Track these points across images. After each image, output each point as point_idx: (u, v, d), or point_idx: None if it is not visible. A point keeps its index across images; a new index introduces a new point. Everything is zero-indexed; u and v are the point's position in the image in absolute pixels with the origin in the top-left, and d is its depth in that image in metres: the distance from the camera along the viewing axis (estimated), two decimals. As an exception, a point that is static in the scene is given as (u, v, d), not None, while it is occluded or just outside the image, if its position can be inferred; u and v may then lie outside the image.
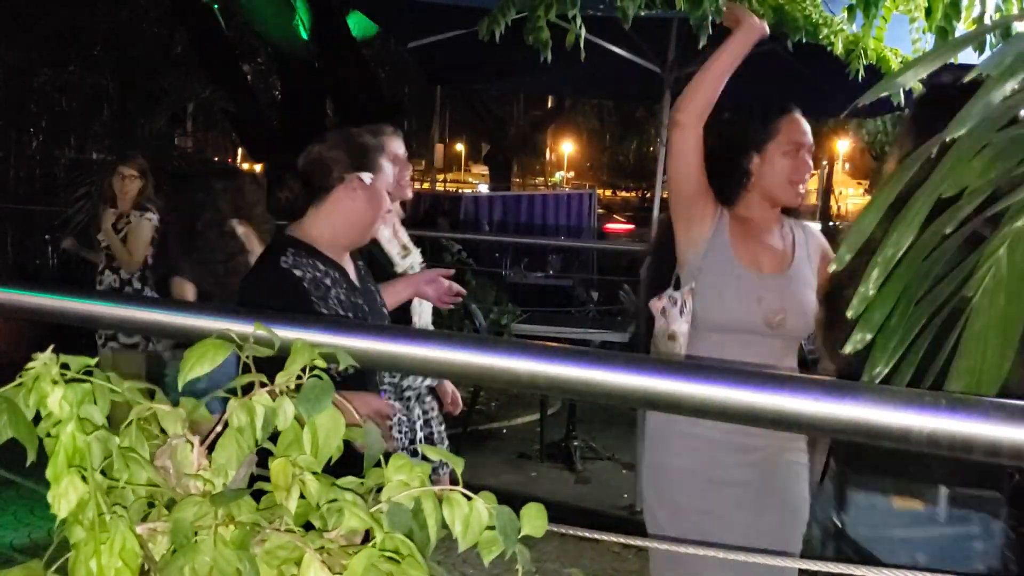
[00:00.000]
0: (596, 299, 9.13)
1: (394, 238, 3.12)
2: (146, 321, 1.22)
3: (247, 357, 1.12)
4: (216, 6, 8.80)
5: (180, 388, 1.10)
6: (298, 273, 2.29)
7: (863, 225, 1.00)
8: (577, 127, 29.55)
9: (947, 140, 0.89)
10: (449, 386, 3.25)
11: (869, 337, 1.02)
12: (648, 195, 16.72)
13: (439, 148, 29.71)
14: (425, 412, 3.20)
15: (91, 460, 0.89)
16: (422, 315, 3.12)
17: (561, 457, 5.75)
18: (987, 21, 3.30)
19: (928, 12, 4.65)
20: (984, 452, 0.86)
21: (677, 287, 2.44)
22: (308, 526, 1.02)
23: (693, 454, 2.37)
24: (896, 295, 1.00)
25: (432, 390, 3.22)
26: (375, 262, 2.96)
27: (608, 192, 32.20)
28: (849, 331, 1.02)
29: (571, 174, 38.82)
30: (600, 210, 26.12)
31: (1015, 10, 3.33)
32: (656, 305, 2.43)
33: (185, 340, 1.18)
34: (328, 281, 2.33)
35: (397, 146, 3.08)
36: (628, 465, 5.47)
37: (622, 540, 2.25)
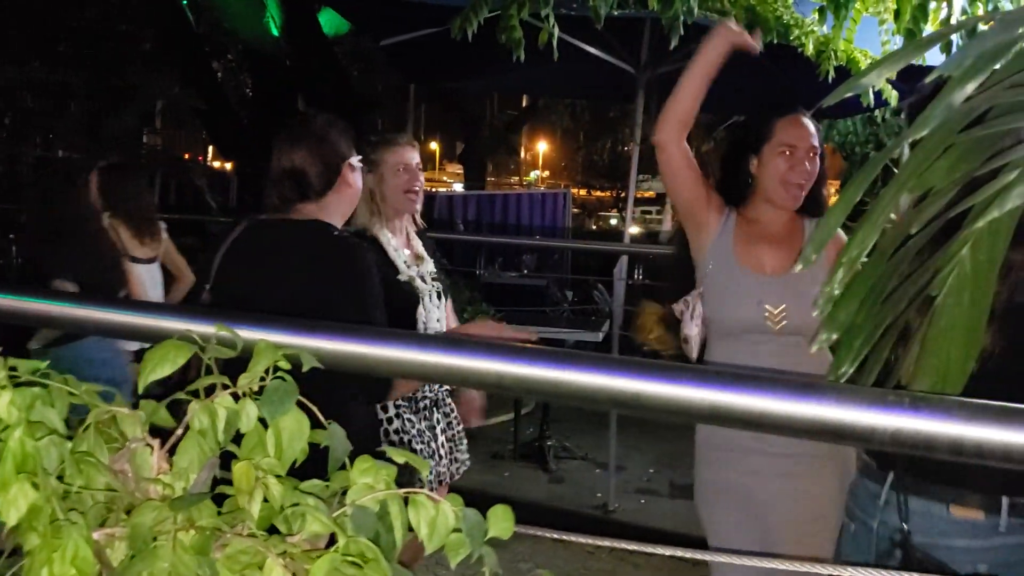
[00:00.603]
0: (570, 299, 9.14)
1: (404, 248, 3.07)
2: (105, 322, 1.20)
3: (209, 359, 1.11)
4: (185, 2, 8.71)
5: (141, 391, 1.09)
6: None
7: (829, 224, 1.00)
8: (552, 126, 29.57)
9: (910, 141, 0.89)
10: (472, 394, 3.23)
11: (835, 337, 1.02)
12: (623, 194, 16.76)
13: (413, 147, 29.57)
14: (446, 415, 3.17)
15: (43, 465, 0.87)
16: (429, 320, 3.06)
17: (535, 457, 5.75)
18: (953, 23, 3.34)
19: (897, 14, 4.69)
20: (947, 450, 0.86)
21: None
22: (273, 530, 1.01)
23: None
24: (861, 295, 1.00)
25: (452, 393, 3.19)
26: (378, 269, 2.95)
27: (583, 191, 32.25)
28: None
29: (546, 173, 38.86)
30: (575, 209, 26.20)
31: (980, 12, 3.37)
32: (677, 308, 2.48)
33: (146, 341, 1.16)
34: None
35: (410, 155, 3.06)
36: (602, 464, 5.48)
37: (591, 541, 2.24)
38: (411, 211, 3.07)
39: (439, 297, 3.10)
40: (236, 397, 1.08)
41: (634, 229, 26.27)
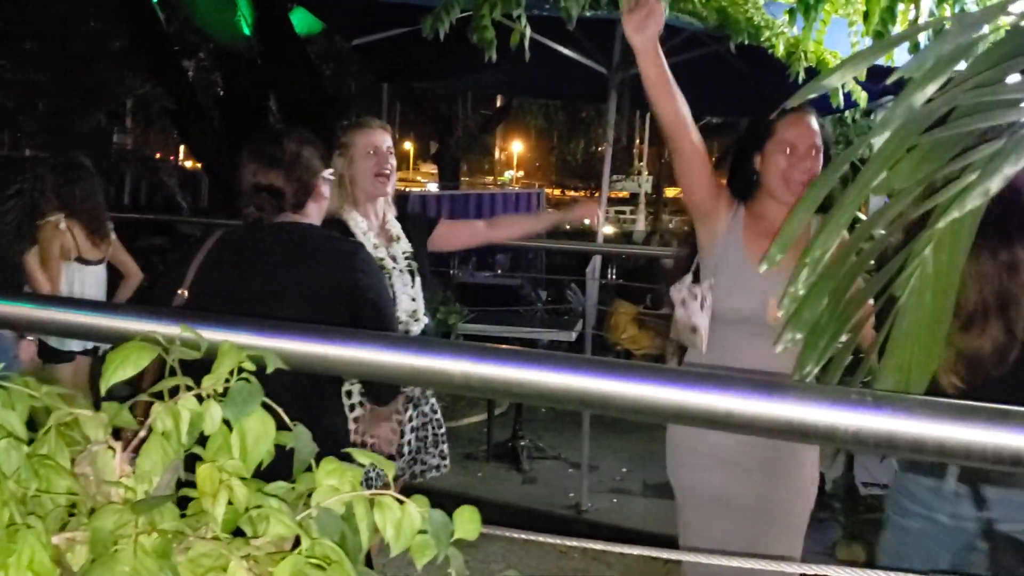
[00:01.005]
0: (544, 298, 9.14)
1: (372, 231, 3.05)
2: (68, 323, 1.18)
3: (173, 360, 1.10)
4: (155, 1, 8.63)
5: (103, 392, 1.08)
6: None
7: (793, 224, 1.01)
8: (526, 126, 29.59)
9: (871, 142, 0.89)
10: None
11: (799, 336, 1.02)
12: (596, 194, 16.79)
13: (387, 147, 29.48)
14: (424, 415, 3.16)
15: (0, 469, 0.85)
16: (400, 299, 3.02)
17: (508, 457, 5.75)
18: (920, 24, 3.38)
19: (866, 16, 4.74)
20: (908, 448, 0.87)
21: (696, 279, 2.55)
22: (239, 533, 1.00)
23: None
24: (825, 294, 1.00)
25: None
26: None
27: (557, 191, 32.30)
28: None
29: (520, 173, 38.88)
30: (549, 209, 26.21)
31: (948, 14, 3.41)
32: (676, 295, 2.52)
33: (108, 342, 1.15)
34: None
35: (381, 138, 3.05)
36: (575, 464, 5.48)
37: (561, 541, 2.24)
38: (381, 194, 3.05)
39: (411, 276, 3.09)
40: (200, 399, 1.07)
41: (608, 229, 26.37)
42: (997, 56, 1.11)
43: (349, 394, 2.96)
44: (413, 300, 3.07)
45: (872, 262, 1.19)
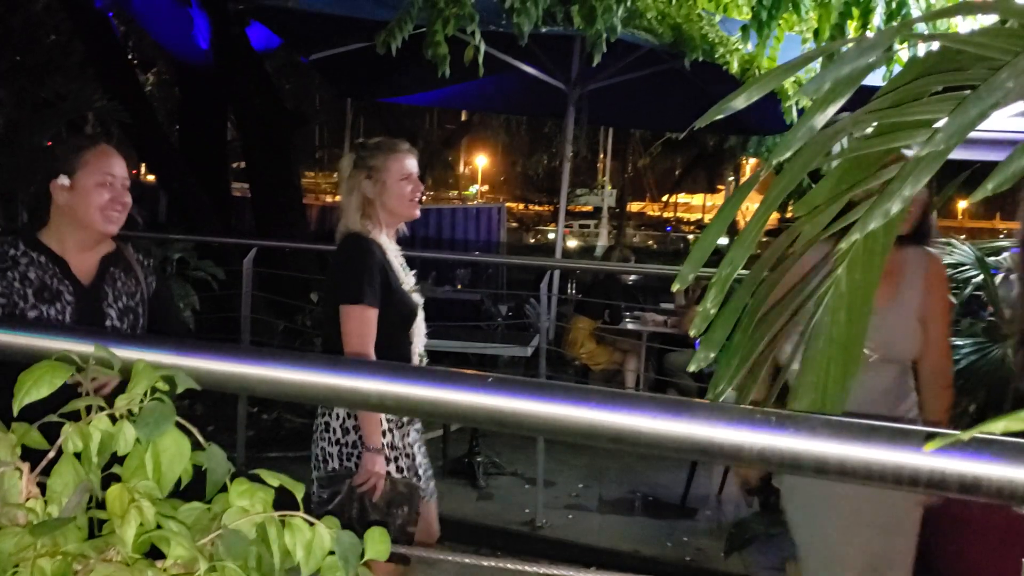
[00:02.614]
0: (505, 313, 9.14)
1: (398, 254, 3.02)
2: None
3: (87, 379, 1.08)
4: (111, 14, 8.55)
5: (15, 413, 1.06)
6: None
7: (704, 244, 1.01)
8: (490, 141, 29.66)
9: (774, 164, 0.90)
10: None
11: (712, 356, 1.03)
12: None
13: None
14: (420, 432, 3.08)
15: None
16: (418, 334, 3.02)
17: (464, 473, 5.72)
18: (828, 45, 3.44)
19: (816, 33, 4.82)
20: (812, 468, 0.88)
21: None
22: (157, 554, 0.98)
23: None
24: (736, 314, 1.01)
25: None
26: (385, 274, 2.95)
27: (520, 206, 32.37)
28: None
29: (485, 187, 38.92)
30: (513, 223, 26.27)
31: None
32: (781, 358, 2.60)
33: (22, 360, 1.13)
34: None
35: (412, 164, 3.01)
36: (531, 480, 5.48)
37: (517, 567, 2.23)
38: (413, 216, 3.01)
39: (424, 310, 3.06)
40: (114, 419, 1.05)
41: (572, 243, 26.46)
42: (915, 74, 1.13)
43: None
44: (425, 335, 3.07)
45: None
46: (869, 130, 1.12)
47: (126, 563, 0.96)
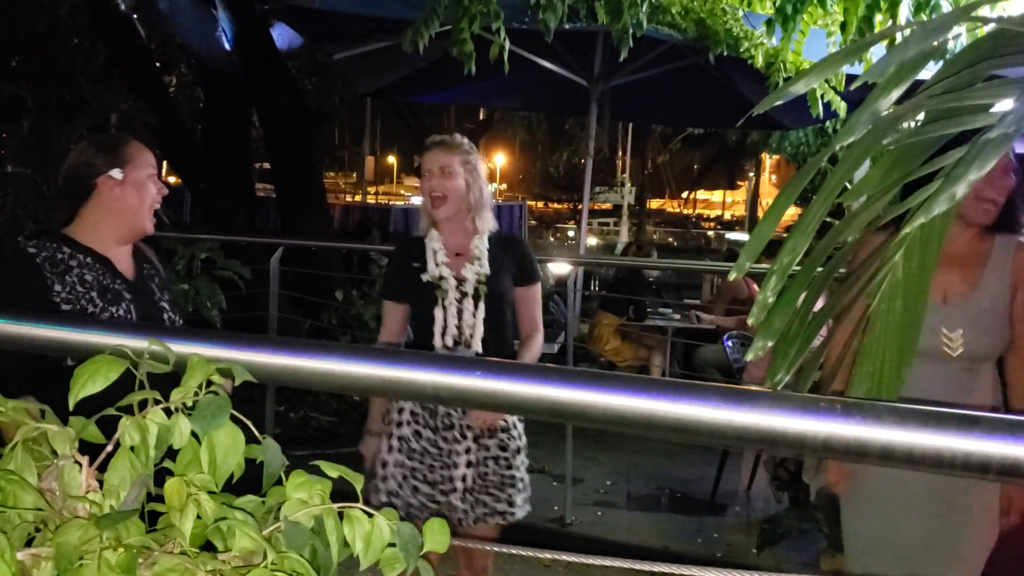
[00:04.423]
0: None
1: (442, 251, 2.99)
2: (37, 337, 1.17)
3: (142, 374, 1.09)
4: (136, 16, 8.60)
5: (72, 407, 1.06)
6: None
7: (762, 232, 1.01)
8: (510, 139, 29.66)
9: (837, 149, 0.90)
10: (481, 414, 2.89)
11: (770, 344, 1.02)
12: (579, 206, 16.81)
13: (370, 160, 29.54)
14: (487, 448, 2.95)
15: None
16: (448, 321, 2.94)
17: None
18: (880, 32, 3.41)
19: (843, 26, 4.78)
20: (878, 456, 0.87)
21: None
22: (210, 547, 0.99)
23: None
24: (795, 302, 1.00)
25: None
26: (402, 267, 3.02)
27: (540, 203, 32.35)
28: None
29: (503, 186, 38.93)
30: (533, 221, 26.24)
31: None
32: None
33: (78, 356, 1.13)
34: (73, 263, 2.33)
35: (431, 159, 3.00)
36: (559, 477, 5.46)
37: (544, 555, 2.23)
38: (435, 216, 2.98)
39: (475, 299, 2.94)
40: (169, 413, 1.06)
41: (592, 240, 26.45)
42: (968, 59, 1.12)
43: (400, 410, 2.94)
44: (458, 324, 2.93)
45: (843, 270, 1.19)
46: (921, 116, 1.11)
47: (185, 555, 0.96)
